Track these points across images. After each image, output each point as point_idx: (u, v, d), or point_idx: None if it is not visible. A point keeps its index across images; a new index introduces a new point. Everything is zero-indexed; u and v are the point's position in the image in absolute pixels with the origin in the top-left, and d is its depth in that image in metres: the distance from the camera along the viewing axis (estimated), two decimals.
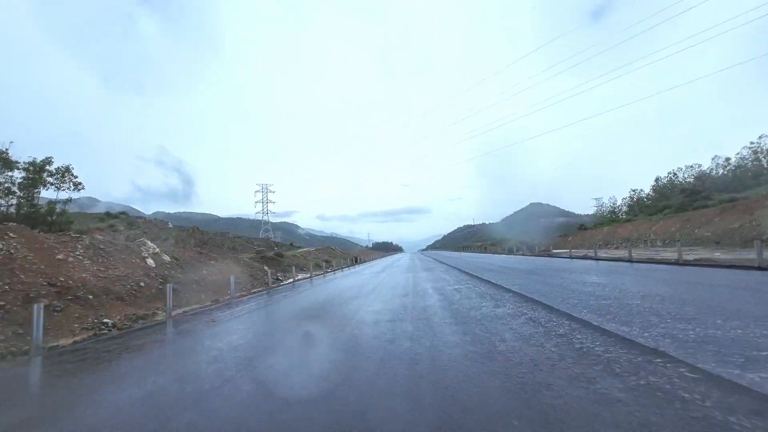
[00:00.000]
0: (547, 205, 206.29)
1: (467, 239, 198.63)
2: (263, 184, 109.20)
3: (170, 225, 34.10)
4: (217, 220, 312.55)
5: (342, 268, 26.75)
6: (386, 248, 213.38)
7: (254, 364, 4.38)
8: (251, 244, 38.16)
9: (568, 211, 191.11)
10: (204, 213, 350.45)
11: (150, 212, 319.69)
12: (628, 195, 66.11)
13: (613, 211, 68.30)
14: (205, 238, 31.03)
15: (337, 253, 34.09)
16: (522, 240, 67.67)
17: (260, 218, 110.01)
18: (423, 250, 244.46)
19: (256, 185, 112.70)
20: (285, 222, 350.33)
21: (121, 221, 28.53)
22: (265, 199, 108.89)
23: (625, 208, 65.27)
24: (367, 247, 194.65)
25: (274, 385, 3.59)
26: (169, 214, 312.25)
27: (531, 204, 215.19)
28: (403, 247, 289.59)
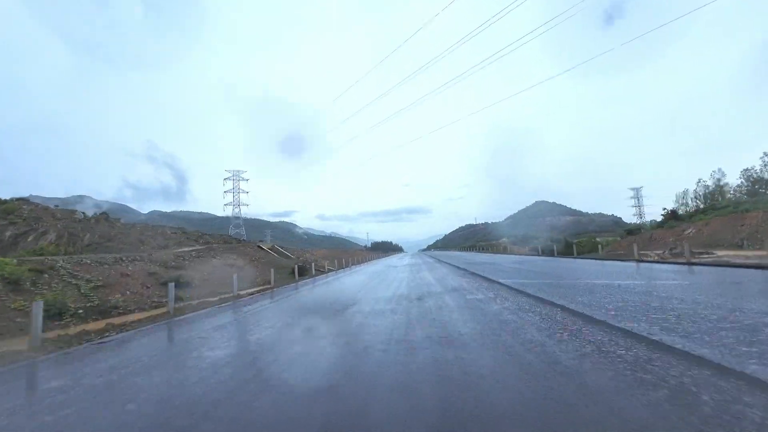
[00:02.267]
0: (554, 203, 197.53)
1: (469, 239, 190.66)
2: (234, 171, 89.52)
3: (79, 215, 26.44)
4: (213, 219, 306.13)
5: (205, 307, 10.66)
6: (385, 248, 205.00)
7: None
8: (196, 241, 30.20)
9: (576, 210, 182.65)
10: (201, 212, 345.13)
11: (146, 211, 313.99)
12: (760, 164, 44.67)
13: (713, 195, 49.12)
14: (114, 232, 23.12)
15: (270, 257, 22.41)
16: (552, 237, 57.77)
17: (236, 213, 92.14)
18: (423, 250, 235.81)
19: (225, 171, 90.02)
20: (283, 221, 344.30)
21: None
22: (236, 188, 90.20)
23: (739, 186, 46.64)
24: (366, 246, 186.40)
25: None
26: (164, 213, 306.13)
27: (536, 202, 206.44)
28: (404, 247, 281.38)
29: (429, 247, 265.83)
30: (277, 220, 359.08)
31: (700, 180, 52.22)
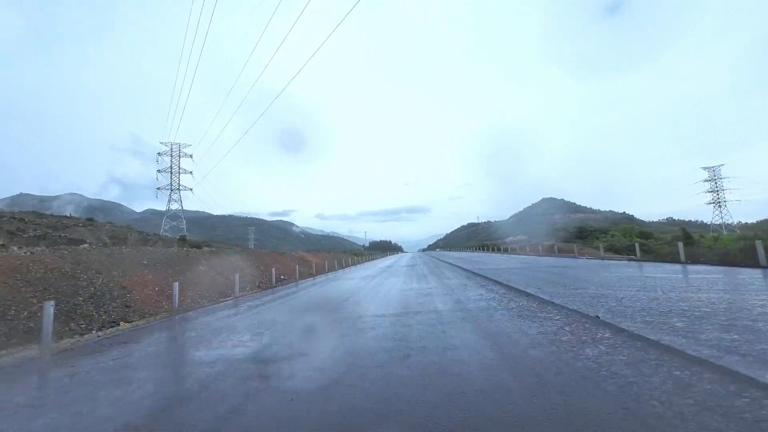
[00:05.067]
0: (562, 200, 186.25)
1: (472, 238, 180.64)
2: (172, 143, 61.18)
3: None
4: (209, 217, 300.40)
5: None
6: (384, 248, 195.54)
7: None
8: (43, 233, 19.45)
9: (586, 207, 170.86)
10: (197, 210, 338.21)
11: (140, 210, 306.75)
12: None
13: None
14: None
15: None
16: (623, 230, 44.90)
17: (175, 200, 64.93)
18: (424, 249, 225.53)
19: (160, 144, 62.31)
20: (281, 221, 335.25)
21: None
22: (175, 167, 62.80)
23: None
24: (363, 246, 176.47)
25: None
26: (158, 211, 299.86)
27: (543, 199, 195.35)
28: (404, 247, 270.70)
29: (430, 247, 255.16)
30: (274, 219, 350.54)
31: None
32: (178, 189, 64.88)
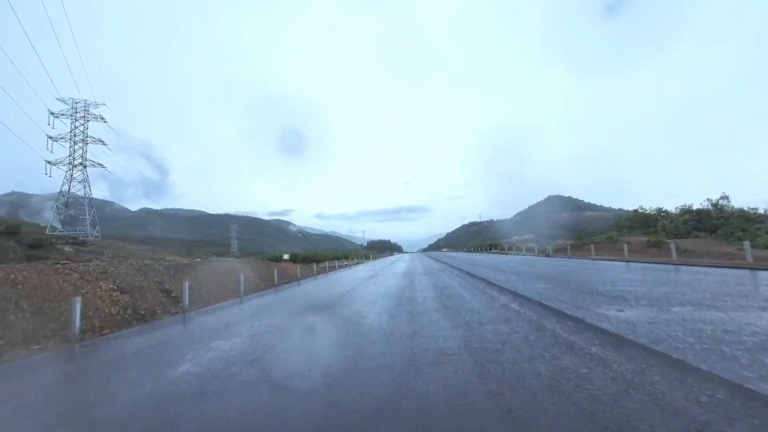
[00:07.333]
0: (569, 197, 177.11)
1: (474, 238, 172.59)
2: (74, 100, 42.82)
3: None
4: (204, 216, 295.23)
5: None
6: (382, 248, 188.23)
7: None
8: None
9: (595, 204, 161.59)
10: (192, 209, 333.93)
11: (135, 209, 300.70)
12: None
13: None
14: None
15: None
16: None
17: (79, 179, 46.31)
18: (425, 249, 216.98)
19: (57, 100, 43.02)
20: (278, 220, 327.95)
21: None
22: (79, 132, 42.75)
23: None
24: (362, 246, 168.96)
25: None
26: (154, 210, 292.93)
27: (549, 197, 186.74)
28: (403, 247, 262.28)
29: (430, 247, 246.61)
30: (273, 218, 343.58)
31: None
32: (83, 165, 43.71)
